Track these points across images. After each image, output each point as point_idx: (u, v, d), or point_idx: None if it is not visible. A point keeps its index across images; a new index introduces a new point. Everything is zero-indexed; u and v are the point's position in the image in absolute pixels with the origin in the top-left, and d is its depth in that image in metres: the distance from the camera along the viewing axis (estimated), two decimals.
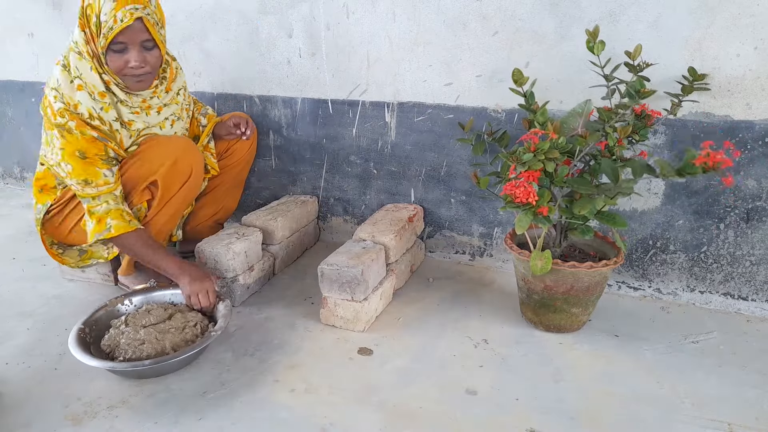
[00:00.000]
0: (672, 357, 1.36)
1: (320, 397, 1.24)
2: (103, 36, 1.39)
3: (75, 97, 1.44)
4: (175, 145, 1.55)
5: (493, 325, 1.51)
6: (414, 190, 1.92)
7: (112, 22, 1.36)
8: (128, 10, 1.37)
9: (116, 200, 1.48)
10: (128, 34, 1.39)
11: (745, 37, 1.37)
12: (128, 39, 1.40)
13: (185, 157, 1.55)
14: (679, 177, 1.18)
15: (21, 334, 1.52)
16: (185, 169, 1.56)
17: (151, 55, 1.46)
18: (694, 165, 1.15)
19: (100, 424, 1.18)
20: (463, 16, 1.65)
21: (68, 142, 1.43)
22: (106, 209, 1.47)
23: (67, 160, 1.44)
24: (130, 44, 1.41)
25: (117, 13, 1.36)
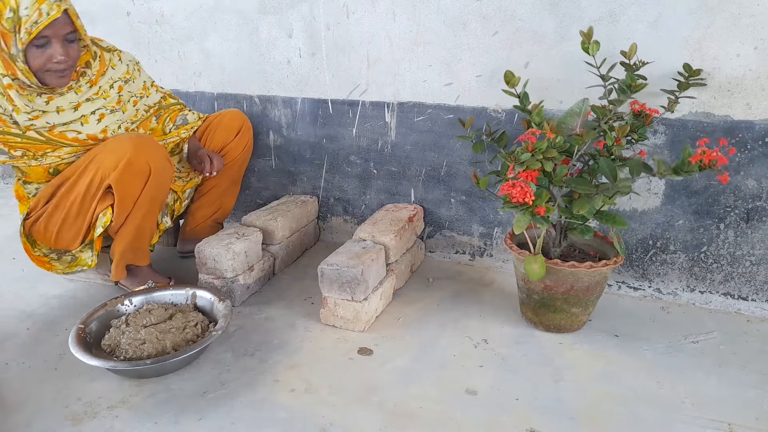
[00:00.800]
0: (672, 357, 1.36)
1: (320, 397, 1.24)
2: (25, 31, 1.31)
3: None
4: (125, 143, 1.46)
5: (493, 325, 1.51)
6: (414, 190, 1.92)
7: (37, 16, 1.30)
8: (53, 2, 1.32)
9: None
10: (53, 27, 1.33)
11: (745, 37, 1.37)
12: (52, 33, 1.34)
13: (139, 155, 1.46)
14: (676, 175, 1.18)
15: (21, 334, 1.52)
16: (142, 167, 1.47)
17: (72, 48, 1.41)
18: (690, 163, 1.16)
19: (100, 424, 1.18)
20: (463, 16, 1.65)
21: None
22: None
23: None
24: (53, 38, 1.35)
25: (42, 6, 1.30)
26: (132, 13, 2.18)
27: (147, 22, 2.17)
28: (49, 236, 1.60)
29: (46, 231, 1.60)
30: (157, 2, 2.11)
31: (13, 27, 1.32)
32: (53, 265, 1.65)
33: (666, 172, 1.18)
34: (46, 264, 1.64)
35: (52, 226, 1.58)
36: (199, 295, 1.53)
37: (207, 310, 1.50)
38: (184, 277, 1.81)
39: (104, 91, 1.57)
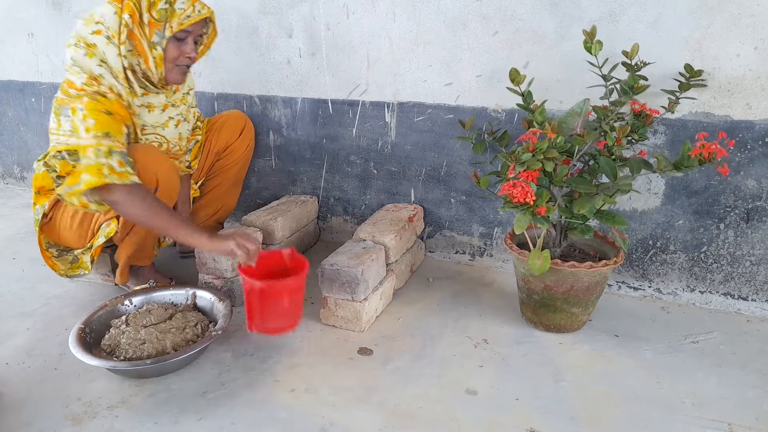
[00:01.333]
0: (672, 357, 1.36)
1: (320, 397, 1.24)
2: (177, 22, 1.42)
3: (95, 71, 1.41)
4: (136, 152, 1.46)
5: (493, 325, 1.51)
6: (414, 190, 1.92)
7: (191, 11, 1.42)
8: (203, 2, 1.45)
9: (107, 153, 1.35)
10: (196, 25, 1.45)
11: (745, 37, 1.37)
12: (193, 30, 1.46)
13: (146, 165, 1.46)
14: (677, 171, 1.18)
15: (21, 334, 1.52)
16: (149, 179, 1.47)
17: (197, 51, 1.52)
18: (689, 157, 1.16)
19: (100, 424, 1.18)
20: (463, 16, 1.65)
21: (99, 102, 1.39)
22: (84, 164, 1.35)
23: (90, 115, 1.37)
24: (190, 35, 1.47)
25: (195, 4, 1.43)
26: None
27: None
28: (58, 231, 1.61)
29: (57, 226, 1.61)
30: None
31: (163, 17, 1.41)
32: (56, 264, 1.65)
33: (666, 168, 1.18)
34: (49, 260, 1.65)
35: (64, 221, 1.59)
36: (199, 295, 1.53)
37: (207, 310, 1.50)
38: (184, 277, 1.81)
39: (184, 96, 1.65)
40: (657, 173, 1.23)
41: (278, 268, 1.42)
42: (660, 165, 1.19)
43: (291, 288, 1.32)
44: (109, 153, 1.35)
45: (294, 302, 1.34)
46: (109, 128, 1.38)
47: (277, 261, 1.43)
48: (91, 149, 1.35)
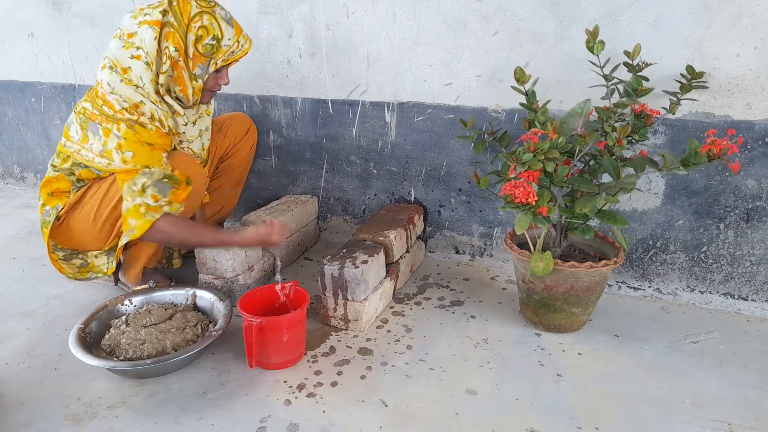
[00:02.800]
0: (672, 357, 1.36)
1: (320, 397, 1.24)
2: (222, 59, 1.49)
3: (134, 99, 1.44)
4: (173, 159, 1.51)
5: (493, 325, 1.51)
6: (414, 190, 1.92)
7: (236, 47, 1.50)
8: (245, 36, 1.53)
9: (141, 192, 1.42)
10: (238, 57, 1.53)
11: (745, 37, 1.37)
12: (231, 60, 1.53)
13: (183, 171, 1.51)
14: (684, 168, 1.17)
15: (21, 334, 1.52)
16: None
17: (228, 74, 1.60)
18: (698, 154, 1.14)
19: (100, 424, 1.18)
20: (463, 16, 1.65)
21: (137, 134, 1.42)
22: (126, 207, 1.43)
23: (128, 147, 1.41)
24: (228, 66, 1.56)
25: (239, 38, 1.50)
26: None
27: None
28: (71, 234, 1.59)
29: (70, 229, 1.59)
30: None
31: (209, 52, 1.47)
32: (63, 267, 1.64)
33: (673, 165, 1.17)
34: (56, 263, 1.64)
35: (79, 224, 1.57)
36: (199, 295, 1.53)
37: (207, 310, 1.50)
38: (184, 277, 1.81)
39: (207, 107, 1.69)
40: (663, 171, 1.22)
41: (278, 302, 1.44)
42: (666, 162, 1.18)
43: (290, 323, 1.31)
44: (142, 191, 1.42)
45: (294, 337, 1.33)
46: (149, 161, 1.44)
47: (278, 295, 1.44)
48: (127, 187, 1.43)
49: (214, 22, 1.45)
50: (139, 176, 1.42)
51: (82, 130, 1.46)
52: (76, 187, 1.58)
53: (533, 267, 1.30)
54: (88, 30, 2.35)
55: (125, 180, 1.44)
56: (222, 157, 1.90)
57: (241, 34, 1.51)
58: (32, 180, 2.85)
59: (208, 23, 1.45)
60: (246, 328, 1.27)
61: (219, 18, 1.47)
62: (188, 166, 1.53)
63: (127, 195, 1.43)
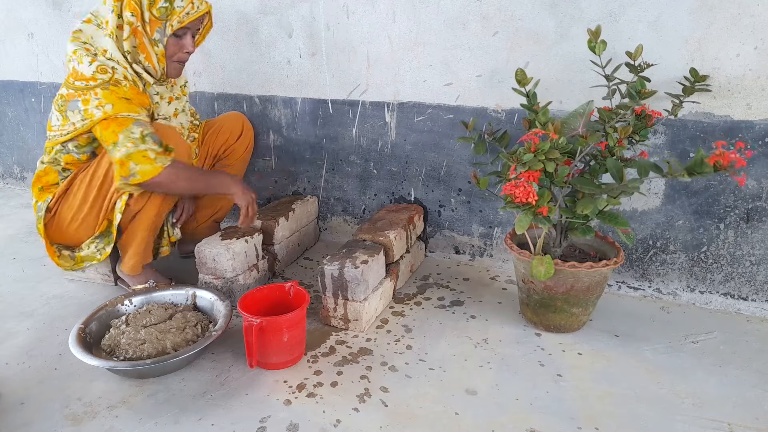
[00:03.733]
0: (672, 357, 1.36)
1: (320, 397, 1.24)
2: (177, 20, 1.46)
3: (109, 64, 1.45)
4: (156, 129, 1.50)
5: (493, 325, 1.51)
6: (414, 190, 1.92)
7: (190, 8, 1.46)
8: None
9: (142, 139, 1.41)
10: (196, 21, 1.49)
11: (745, 37, 1.37)
12: (192, 26, 1.50)
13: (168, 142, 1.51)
14: (689, 176, 1.16)
15: (21, 334, 1.52)
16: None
17: (194, 43, 1.56)
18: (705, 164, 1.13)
19: (100, 424, 1.18)
20: (463, 16, 1.65)
21: (112, 92, 1.43)
22: (125, 153, 1.40)
23: (107, 101, 1.42)
24: (189, 31, 1.51)
25: (194, 0, 1.47)
26: None
27: None
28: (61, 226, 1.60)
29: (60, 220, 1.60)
30: None
31: (163, 15, 1.45)
32: (60, 261, 1.65)
33: (677, 172, 1.16)
34: (55, 257, 1.65)
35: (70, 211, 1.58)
36: (199, 295, 1.53)
37: (207, 310, 1.50)
38: (184, 277, 1.81)
39: (182, 88, 1.71)
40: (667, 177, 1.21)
41: (280, 302, 1.43)
42: (671, 169, 1.18)
43: (290, 323, 1.30)
44: (142, 139, 1.42)
45: (294, 337, 1.32)
46: (128, 110, 1.44)
47: (279, 294, 1.44)
48: (124, 134, 1.41)
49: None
50: (133, 125, 1.42)
51: (62, 114, 1.49)
52: (62, 176, 1.61)
53: (535, 272, 1.31)
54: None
55: (118, 131, 1.41)
56: (217, 156, 1.90)
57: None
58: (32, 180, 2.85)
59: None
60: (246, 328, 1.27)
61: None
62: (168, 134, 1.52)
63: (126, 142, 1.40)
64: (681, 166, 1.17)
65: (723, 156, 1.12)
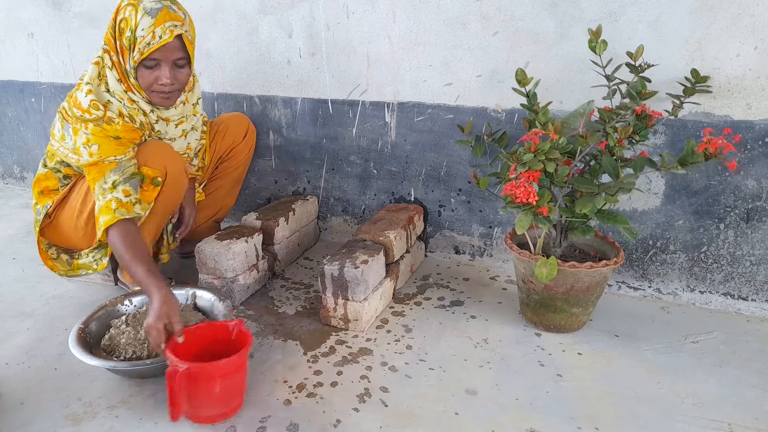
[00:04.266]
0: (672, 357, 1.36)
1: (320, 397, 1.24)
2: (138, 51, 1.38)
3: (104, 97, 1.45)
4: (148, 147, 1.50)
5: (493, 325, 1.51)
6: (414, 190, 1.92)
7: (150, 38, 1.36)
8: (168, 27, 1.37)
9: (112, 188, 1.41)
10: (164, 51, 1.39)
11: (745, 37, 1.37)
12: (162, 56, 1.40)
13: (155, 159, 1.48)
14: (682, 168, 1.17)
15: (21, 334, 1.52)
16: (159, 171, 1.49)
17: (181, 72, 1.46)
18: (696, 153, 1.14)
19: (100, 424, 1.18)
20: (462, 16, 1.65)
21: (102, 130, 1.42)
22: (98, 207, 1.42)
23: (95, 142, 1.41)
24: (163, 61, 1.41)
25: (156, 29, 1.36)
26: None
27: None
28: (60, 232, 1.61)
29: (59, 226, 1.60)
30: None
31: (129, 45, 1.39)
32: (55, 265, 1.65)
33: (671, 165, 1.17)
34: (48, 261, 1.65)
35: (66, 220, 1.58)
36: (199, 295, 1.53)
37: (207, 310, 1.50)
38: (184, 277, 1.81)
39: (194, 107, 1.64)
40: (661, 170, 1.22)
41: (220, 344, 1.24)
42: (664, 162, 1.19)
43: (224, 371, 1.11)
44: (113, 188, 1.42)
45: (229, 387, 1.14)
46: (114, 152, 1.43)
47: (220, 335, 1.26)
48: (98, 186, 1.42)
49: (133, 13, 1.37)
50: (109, 174, 1.43)
51: (62, 128, 1.49)
52: (63, 183, 1.61)
53: (537, 273, 1.30)
54: (88, 30, 2.34)
55: (96, 179, 1.44)
56: (221, 158, 1.90)
57: (161, 25, 1.36)
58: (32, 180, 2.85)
59: (128, 15, 1.38)
60: (169, 375, 1.08)
61: (140, 9, 1.37)
62: (162, 153, 1.50)
63: (98, 195, 1.43)
64: (673, 158, 1.18)
65: (711, 143, 1.14)
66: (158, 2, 1.38)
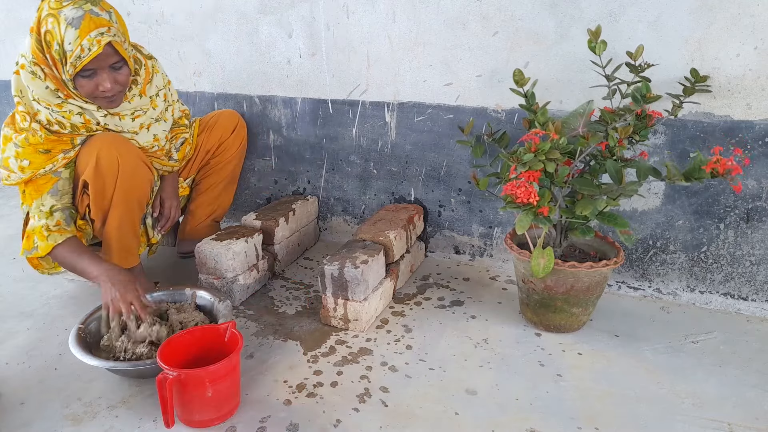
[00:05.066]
0: (672, 357, 1.36)
1: (320, 397, 1.24)
2: (70, 65, 1.34)
3: (34, 107, 1.44)
4: (99, 140, 1.48)
5: (493, 325, 1.51)
6: (414, 190, 1.92)
7: (80, 51, 1.32)
8: (94, 37, 1.32)
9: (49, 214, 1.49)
10: (97, 61, 1.35)
11: (745, 37, 1.37)
12: (97, 65, 1.36)
13: (109, 152, 1.47)
14: (686, 181, 1.17)
15: (21, 334, 1.52)
16: (111, 164, 1.47)
17: (120, 74, 1.42)
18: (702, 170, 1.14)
19: (100, 424, 1.18)
20: (462, 16, 1.65)
21: (31, 144, 1.44)
22: (32, 226, 1.49)
23: (24, 155, 1.44)
24: (99, 69, 1.37)
25: (83, 42, 1.31)
26: (132, 13, 2.18)
27: (147, 22, 2.17)
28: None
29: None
30: (157, 2, 2.11)
31: (60, 58, 1.36)
32: (40, 263, 1.63)
33: (676, 177, 1.17)
34: (33, 261, 1.62)
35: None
36: (199, 295, 1.53)
37: (207, 310, 1.50)
38: (184, 277, 1.81)
39: (153, 99, 1.59)
40: (665, 181, 1.22)
41: (213, 347, 1.24)
42: (670, 174, 1.18)
43: (214, 376, 1.11)
44: (50, 213, 1.48)
45: (221, 392, 1.14)
46: (44, 162, 1.46)
47: (212, 338, 1.25)
48: (35, 204, 1.48)
49: (56, 25, 1.32)
50: (48, 194, 1.48)
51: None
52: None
53: (534, 265, 1.30)
54: None
55: (35, 196, 1.49)
56: (210, 153, 1.91)
57: (87, 36, 1.31)
58: None
59: (51, 27, 1.33)
60: (159, 382, 1.08)
61: (61, 19, 1.32)
62: (112, 144, 1.48)
63: (34, 213, 1.48)
64: (679, 171, 1.17)
65: (720, 163, 1.13)
66: (79, 8, 1.32)
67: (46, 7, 1.35)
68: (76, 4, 1.33)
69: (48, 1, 1.35)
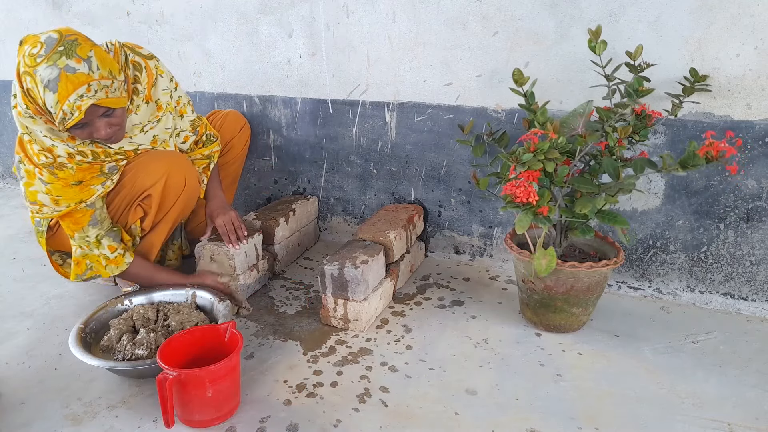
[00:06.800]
0: (672, 357, 1.36)
1: (320, 397, 1.24)
2: (59, 124, 1.26)
3: (47, 143, 1.36)
4: (167, 159, 1.54)
5: (493, 325, 1.51)
6: (414, 190, 1.92)
7: (63, 115, 1.23)
8: (74, 102, 1.22)
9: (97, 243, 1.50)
10: (84, 118, 1.27)
11: (745, 37, 1.37)
12: (86, 121, 1.29)
13: (178, 171, 1.55)
14: (682, 170, 1.17)
15: (21, 334, 1.52)
16: (178, 182, 1.56)
17: (114, 117, 1.33)
18: (697, 156, 1.14)
19: (100, 424, 1.18)
20: (462, 16, 1.65)
21: (60, 179, 1.40)
22: (82, 254, 1.50)
23: (55, 192, 1.41)
24: (90, 121, 1.30)
25: (63, 107, 1.22)
26: (132, 13, 2.18)
27: (147, 22, 2.17)
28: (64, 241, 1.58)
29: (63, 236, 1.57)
30: (157, 2, 2.12)
31: (45, 110, 1.28)
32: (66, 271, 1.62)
33: (671, 166, 1.17)
34: (59, 269, 1.63)
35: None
36: (199, 295, 1.53)
37: (207, 310, 1.50)
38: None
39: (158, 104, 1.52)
40: (662, 172, 1.22)
41: (213, 347, 1.24)
42: (665, 164, 1.19)
43: (214, 376, 1.11)
44: (98, 242, 1.49)
45: (221, 392, 1.14)
46: (80, 196, 1.44)
47: (212, 338, 1.25)
48: (78, 236, 1.48)
49: (34, 85, 1.23)
50: (89, 225, 1.48)
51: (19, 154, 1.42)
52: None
53: (536, 265, 1.30)
54: (88, 30, 2.34)
55: (75, 228, 1.48)
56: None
57: (66, 101, 1.21)
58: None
59: (30, 86, 1.25)
60: (159, 382, 1.08)
61: (38, 81, 1.22)
62: (181, 165, 1.56)
63: (81, 243, 1.49)
64: (674, 160, 1.18)
65: (713, 146, 1.13)
66: (53, 66, 1.21)
67: (23, 62, 1.24)
68: (50, 60, 1.21)
69: (23, 54, 1.24)
